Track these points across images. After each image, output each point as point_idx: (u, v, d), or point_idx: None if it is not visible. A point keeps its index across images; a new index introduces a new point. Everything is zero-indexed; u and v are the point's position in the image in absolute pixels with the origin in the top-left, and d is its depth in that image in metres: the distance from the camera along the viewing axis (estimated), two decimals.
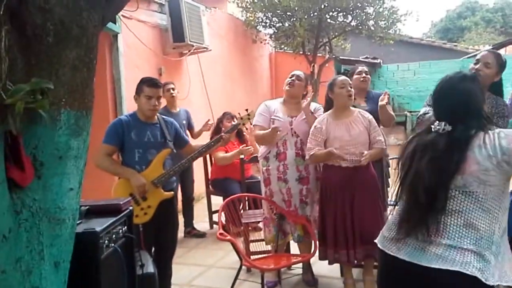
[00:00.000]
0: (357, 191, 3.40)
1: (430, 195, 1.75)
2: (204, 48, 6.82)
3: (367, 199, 3.41)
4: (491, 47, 15.12)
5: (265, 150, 3.80)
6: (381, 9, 9.46)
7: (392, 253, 1.84)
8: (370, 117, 3.52)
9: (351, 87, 3.50)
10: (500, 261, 1.71)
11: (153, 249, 3.36)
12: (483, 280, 1.63)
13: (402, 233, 1.82)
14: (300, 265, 3.92)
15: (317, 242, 3.61)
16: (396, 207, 1.95)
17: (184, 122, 5.34)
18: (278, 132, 3.56)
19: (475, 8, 30.27)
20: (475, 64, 2.97)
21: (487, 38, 24.35)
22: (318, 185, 3.73)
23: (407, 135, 10.45)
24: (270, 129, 3.58)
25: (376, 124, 3.55)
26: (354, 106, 3.64)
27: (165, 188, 3.33)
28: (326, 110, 3.66)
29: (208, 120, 5.55)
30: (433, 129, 1.85)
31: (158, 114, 3.41)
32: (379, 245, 1.93)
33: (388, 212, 3.55)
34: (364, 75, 4.11)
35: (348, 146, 3.40)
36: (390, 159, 4.21)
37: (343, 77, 3.58)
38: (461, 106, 1.83)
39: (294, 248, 4.08)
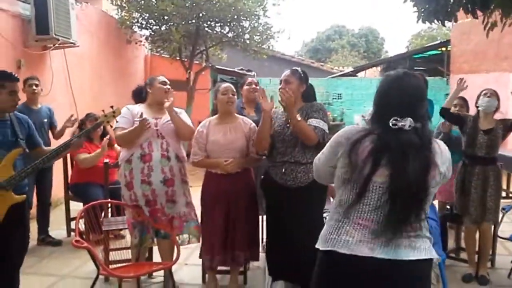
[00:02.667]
0: (232, 199, 3.47)
1: (414, 193, 1.77)
2: (71, 43, 6.43)
3: (242, 207, 3.49)
4: (353, 69, 16.54)
5: (127, 153, 3.65)
6: (256, 24, 9.79)
7: (365, 255, 1.79)
8: (253, 125, 3.59)
9: (233, 94, 3.56)
10: None
11: None
12: (435, 258, 1.86)
13: (388, 234, 1.78)
14: (161, 272, 3.83)
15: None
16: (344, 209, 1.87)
17: (46, 120, 5.00)
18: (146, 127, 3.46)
19: (342, 32, 32.85)
20: (280, 84, 3.33)
21: (351, 60, 26.56)
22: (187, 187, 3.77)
23: None
24: (138, 123, 3.43)
25: None
26: (243, 115, 3.76)
27: (15, 191, 3.02)
28: (212, 115, 3.74)
29: (72, 115, 5.17)
30: (397, 126, 1.79)
31: None
32: (342, 251, 1.81)
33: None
34: (254, 86, 4.35)
35: (223, 151, 3.45)
36: None
37: (226, 84, 3.64)
38: (418, 102, 1.85)
39: (156, 256, 3.97)
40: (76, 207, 4.89)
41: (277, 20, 36.22)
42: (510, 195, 6.33)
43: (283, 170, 3.20)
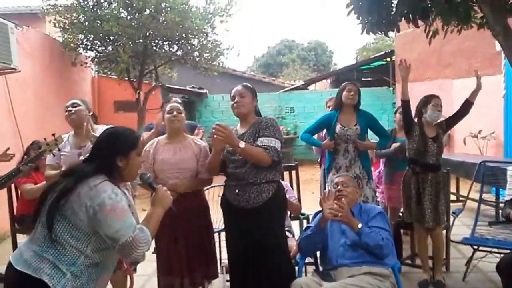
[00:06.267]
0: (182, 220, 3.34)
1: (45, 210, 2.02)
2: (12, 68, 6.18)
3: (195, 227, 3.40)
4: (304, 82, 16.80)
5: None
6: (205, 42, 9.77)
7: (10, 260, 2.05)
8: (203, 145, 3.50)
9: (179, 113, 3.48)
10: (79, 285, 1.99)
11: None
12: (50, 284, 1.92)
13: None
14: None
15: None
16: None
17: None
18: None
19: (292, 46, 33.42)
20: (233, 99, 3.21)
21: (302, 74, 27.02)
22: None
23: None
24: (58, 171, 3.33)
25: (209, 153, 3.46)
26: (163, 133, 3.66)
27: None
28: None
29: (7, 149, 4.88)
30: None
31: None
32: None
33: None
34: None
35: (173, 170, 3.35)
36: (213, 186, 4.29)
37: (171, 104, 3.55)
38: (98, 144, 2.22)
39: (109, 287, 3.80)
40: (24, 239, 4.64)
41: (227, 37, 36.42)
42: (460, 198, 6.53)
43: (236, 191, 3.11)
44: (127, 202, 2.07)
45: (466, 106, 4.02)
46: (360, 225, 2.89)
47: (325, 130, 4.65)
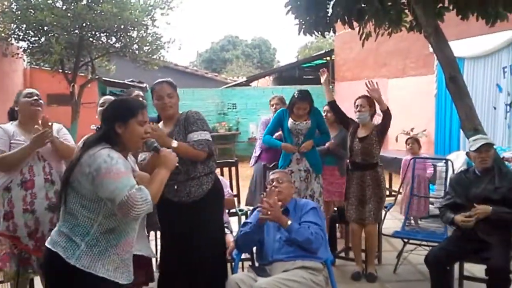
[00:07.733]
0: None
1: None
2: None
3: None
4: (246, 79, 16.84)
5: (5, 179, 3.29)
6: (144, 34, 9.57)
7: None
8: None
9: (101, 106, 3.43)
10: (96, 253, 2.06)
11: None
12: (64, 257, 2.01)
13: None
14: None
15: None
16: None
17: None
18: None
19: (236, 42, 33.41)
20: (159, 98, 3.15)
21: (246, 70, 27.08)
22: None
23: None
24: (38, 133, 3.13)
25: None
26: None
27: None
28: None
29: None
30: None
31: None
32: None
33: None
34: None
35: None
36: None
37: (104, 97, 3.53)
38: (103, 113, 2.30)
39: (38, 285, 3.63)
40: None
41: (169, 30, 35.87)
42: (392, 193, 6.78)
43: (175, 187, 3.06)
44: (125, 165, 2.07)
45: (384, 115, 4.11)
46: (289, 222, 2.92)
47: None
